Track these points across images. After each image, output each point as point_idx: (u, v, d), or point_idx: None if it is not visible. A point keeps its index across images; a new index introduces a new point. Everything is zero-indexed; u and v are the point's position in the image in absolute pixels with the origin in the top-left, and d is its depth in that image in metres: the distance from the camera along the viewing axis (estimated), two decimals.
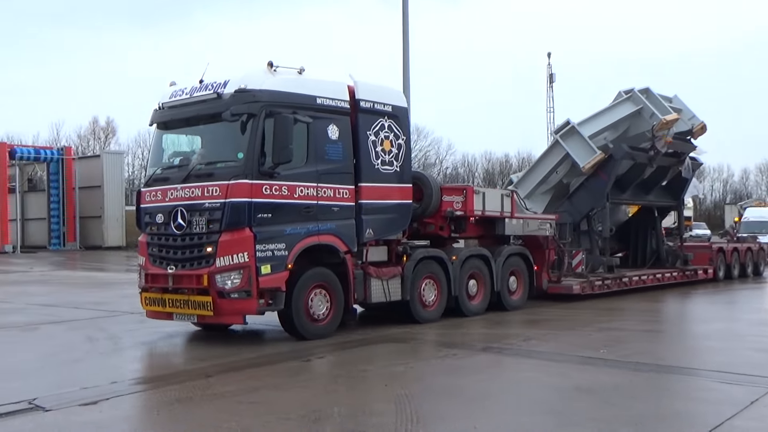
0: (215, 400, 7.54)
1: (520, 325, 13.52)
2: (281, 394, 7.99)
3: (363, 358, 10.21)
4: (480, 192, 14.31)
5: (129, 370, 9.48)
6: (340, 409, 7.23)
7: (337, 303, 11.41)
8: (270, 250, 10.51)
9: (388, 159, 12.30)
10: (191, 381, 8.53)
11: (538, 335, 12.04)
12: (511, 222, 15.03)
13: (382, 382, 8.64)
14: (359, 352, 10.59)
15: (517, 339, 11.72)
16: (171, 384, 8.44)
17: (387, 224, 12.32)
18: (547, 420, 6.81)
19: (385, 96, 12.45)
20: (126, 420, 7.05)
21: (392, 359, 10.04)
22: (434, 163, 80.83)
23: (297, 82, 11.15)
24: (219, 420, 6.76)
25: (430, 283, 13.11)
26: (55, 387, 8.17)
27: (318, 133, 11.23)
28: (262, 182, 10.50)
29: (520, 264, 15.16)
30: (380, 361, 10.07)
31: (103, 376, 8.72)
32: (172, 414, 7.19)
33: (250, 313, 10.58)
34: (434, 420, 6.85)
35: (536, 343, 11.28)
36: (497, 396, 7.96)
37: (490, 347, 10.93)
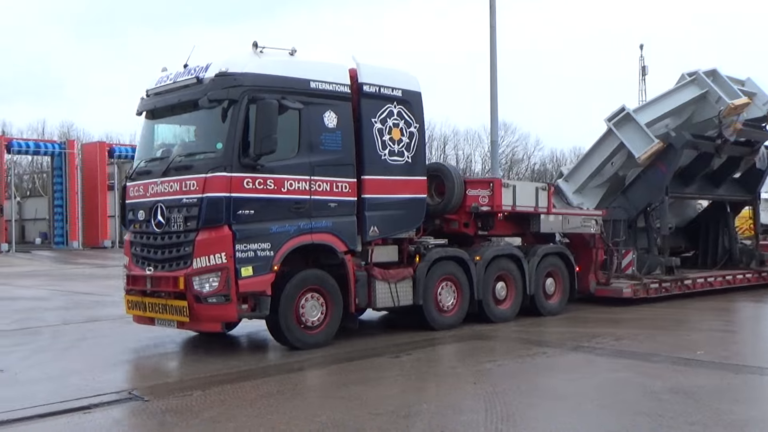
0: (306, 394, 7.93)
1: (561, 326, 12.19)
2: (370, 389, 8.05)
3: (451, 356, 10.31)
4: (510, 185, 12.95)
5: (222, 364, 9.33)
6: (429, 405, 7.23)
7: (333, 308, 10.33)
8: (252, 251, 9.52)
9: (397, 149, 11.12)
10: (282, 375, 8.77)
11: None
12: (547, 218, 13.61)
13: (470, 379, 8.49)
14: (446, 350, 10.61)
15: (609, 338, 11.19)
16: (264, 377, 8.67)
17: (396, 221, 11.15)
18: (642, 422, 6.55)
19: (394, 79, 11.26)
20: (222, 408, 7.20)
21: (480, 357, 9.97)
22: (522, 159, 78.98)
23: (287, 65, 10.11)
24: (310, 414, 6.92)
25: (449, 286, 11.88)
26: (151, 378, 8.66)
27: (312, 120, 10.16)
28: (243, 175, 9.50)
29: (558, 264, 13.73)
30: (468, 358, 9.94)
31: (196, 369, 9.04)
32: (266, 406, 7.32)
33: (230, 319, 9.61)
34: (525, 419, 6.73)
35: (629, 343, 10.83)
36: (590, 396, 7.69)
37: (581, 346, 10.52)
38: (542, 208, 13.48)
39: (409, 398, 7.53)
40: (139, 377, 9.12)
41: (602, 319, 13.37)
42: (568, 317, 13.31)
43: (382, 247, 11.19)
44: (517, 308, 12.98)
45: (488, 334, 11.55)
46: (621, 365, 9.18)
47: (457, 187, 12.45)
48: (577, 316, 13.49)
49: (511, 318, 12.77)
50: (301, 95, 10.06)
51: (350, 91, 10.64)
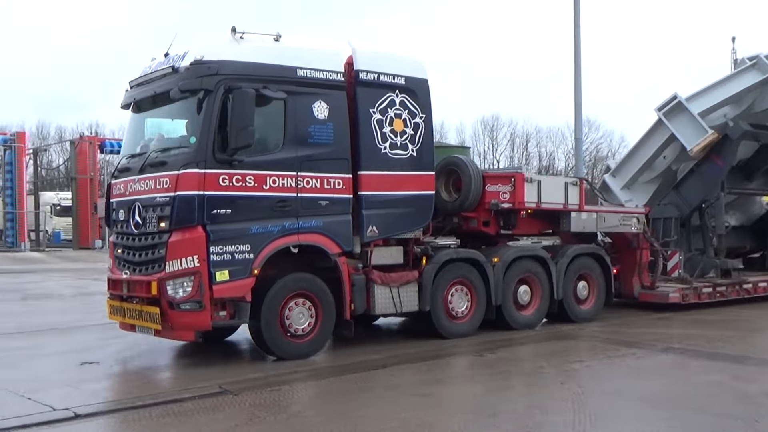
0: (389, 391, 7.93)
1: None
2: (454, 387, 8.20)
3: (536, 355, 10.09)
4: (534, 180, 11.83)
5: (302, 361, 9.26)
6: (515, 405, 7.25)
7: (324, 315, 9.50)
8: (229, 253, 8.78)
9: (399, 142, 10.21)
10: (363, 372, 8.82)
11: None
12: (579, 216, 12.44)
13: (558, 379, 8.38)
14: (530, 350, 10.47)
15: (700, 340, 10.91)
16: (345, 374, 8.77)
17: (398, 220, 10.25)
18: (737, 427, 6.38)
19: (396, 66, 10.34)
20: (308, 403, 7.64)
21: (567, 356, 9.81)
22: (606, 156, 76.63)
23: (270, 52, 9.33)
24: (393, 411, 6.97)
25: (461, 291, 10.90)
26: (238, 374, 8.69)
27: (299, 111, 9.35)
28: (219, 171, 8.77)
29: (591, 266, 12.56)
30: (554, 358, 9.69)
31: (278, 366, 9.07)
32: (350, 402, 7.51)
33: (203, 328, 8.86)
34: (615, 421, 6.64)
35: (721, 345, 10.50)
36: (683, 399, 7.45)
37: (672, 348, 10.30)
38: (573, 204, 12.31)
39: (493, 397, 7.61)
40: (227, 372, 8.79)
41: (686, 321, 12.82)
42: (656, 318, 12.72)
43: (384, 249, 10.30)
44: (543, 314, 11.89)
45: (573, 333, 11.44)
46: (714, 368, 8.89)
47: (474, 182, 11.44)
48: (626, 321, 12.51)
49: (535, 325, 11.69)
50: (287, 84, 9.27)
51: (344, 79, 9.79)
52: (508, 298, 11.40)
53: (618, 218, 13.16)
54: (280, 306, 9.17)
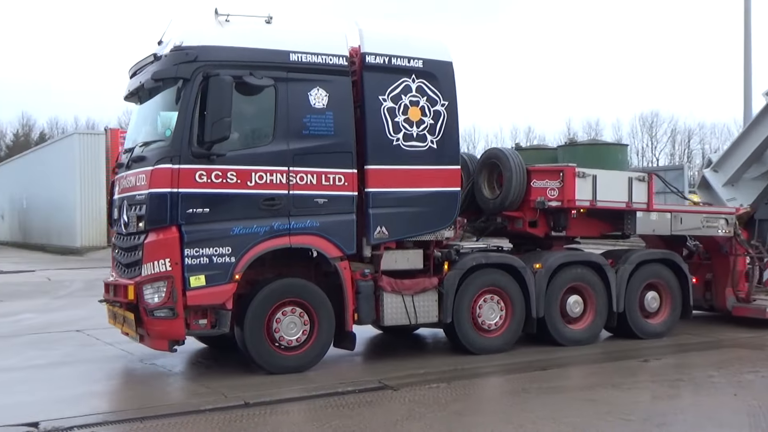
0: (553, 394, 7.79)
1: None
2: (619, 393, 7.85)
3: (707, 363, 9.45)
4: (587, 175, 10.31)
5: (461, 359, 9.32)
6: (685, 415, 6.96)
7: (320, 326, 8.58)
8: (206, 256, 8.02)
9: (416, 132, 9.11)
10: (526, 373, 8.68)
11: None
12: (647, 216, 10.78)
13: (730, 390, 7.98)
14: (701, 357, 9.96)
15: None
16: (508, 374, 8.77)
17: (413, 220, 9.14)
18: None
19: (412, 47, 9.21)
20: (468, 402, 7.64)
21: (741, 366, 9.17)
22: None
23: (259, 35, 8.48)
24: (557, 415, 6.84)
25: (493, 300, 9.64)
26: (397, 370, 8.74)
27: (293, 99, 8.46)
28: (195, 167, 8.02)
29: (663, 275, 10.88)
30: (727, 367, 9.10)
31: (436, 363, 9.18)
32: (512, 404, 7.55)
33: (177, 337, 8.14)
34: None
35: None
36: None
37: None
38: (638, 203, 10.67)
39: (661, 406, 7.33)
40: (386, 369, 8.86)
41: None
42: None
43: (399, 252, 9.21)
44: (598, 329, 10.39)
45: (755, 342, 10.64)
46: None
47: (516, 177, 10.10)
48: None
49: (586, 341, 10.22)
50: (278, 70, 8.41)
51: (347, 63, 8.80)
52: (554, 310, 9.99)
53: (699, 219, 11.35)
54: (266, 315, 8.33)
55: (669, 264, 10.97)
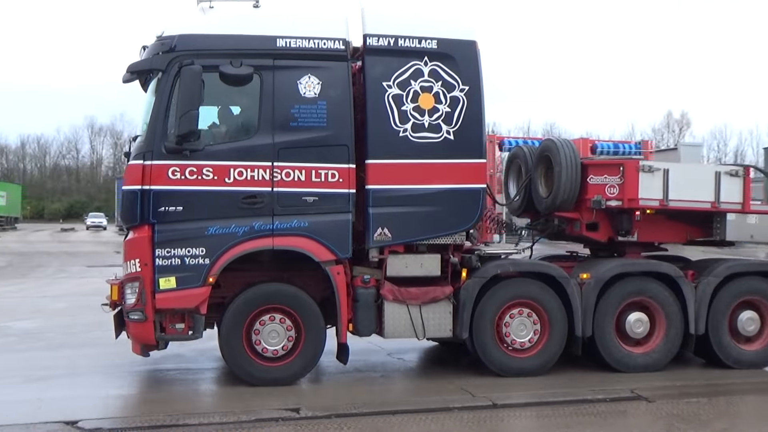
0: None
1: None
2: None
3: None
4: (656, 169, 8.59)
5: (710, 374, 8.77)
6: None
7: (308, 336, 7.83)
8: (178, 257, 7.57)
9: (428, 122, 8.05)
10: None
11: None
12: (742, 220, 8.83)
13: None
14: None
15: None
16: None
17: (423, 221, 8.09)
18: None
19: (425, 26, 8.14)
20: (734, 421, 7.15)
21: None
22: None
23: (243, 21, 7.87)
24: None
25: (523, 315, 8.32)
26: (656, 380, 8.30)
27: (279, 89, 7.77)
28: (168, 163, 7.58)
29: (765, 291, 8.87)
30: None
31: (710, 374, 8.72)
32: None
33: (147, 341, 7.71)
34: None
35: None
36: None
37: None
38: (730, 203, 8.76)
39: None
40: (637, 378, 8.36)
41: None
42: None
43: (410, 257, 8.18)
44: (670, 353, 8.67)
45: None
46: None
47: (567, 172, 8.65)
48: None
49: (654, 368, 8.54)
50: (264, 57, 7.76)
51: (344, 47, 7.94)
52: (608, 329, 8.45)
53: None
54: (245, 322, 7.73)
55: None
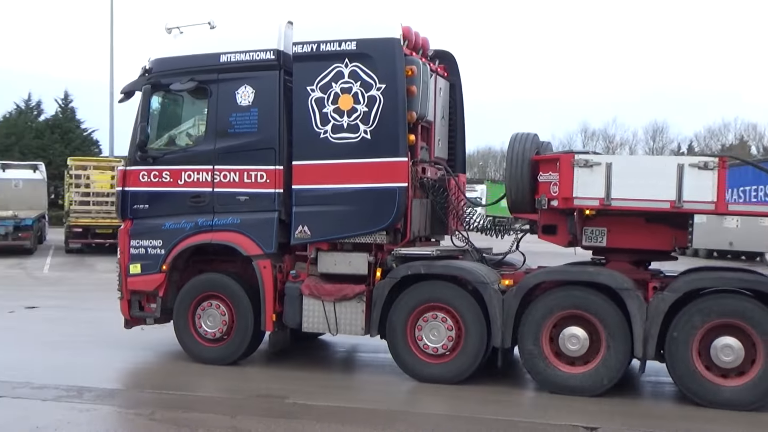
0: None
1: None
2: None
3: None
4: (595, 163, 7.34)
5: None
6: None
7: (238, 322, 8.62)
8: (143, 247, 9.01)
9: (347, 122, 8.23)
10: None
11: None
12: (717, 222, 7.09)
13: None
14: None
15: None
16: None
17: (340, 220, 8.26)
18: None
19: (346, 29, 8.26)
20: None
21: None
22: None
23: (198, 42, 8.99)
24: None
25: (437, 320, 7.93)
26: None
27: (221, 100, 8.72)
28: (139, 168, 9.06)
29: (747, 313, 7.01)
30: None
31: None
32: None
33: (126, 316, 9.22)
34: None
35: None
36: None
37: None
38: (697, 202, 7.10)
39: None
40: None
41: None
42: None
43: (338, 255, 8.38)
44: (608, 380, 7.39)
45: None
46: None
47: (511, 169, 7.94)
48: None
49: (585, 393, 7.41)
50: (211, 72, 8.77)
51: (275, 56, 8.52)
52: (531, 343, 7.57)
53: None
54: (190, 307, 8.83)
55: (760, 296, 7.00)
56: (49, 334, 10.73)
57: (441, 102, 9.39)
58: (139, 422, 6.81)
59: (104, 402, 7.38)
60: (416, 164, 8.62)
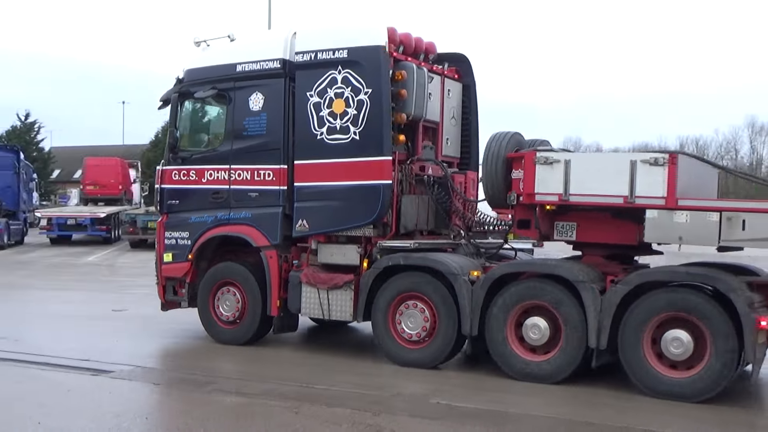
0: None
1: None
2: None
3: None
4: (554, 161, 7.62)
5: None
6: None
7: (249, 305, 9.51)
8: (174, 238, 10.08)
9: (339, 125, 8.93)
10: None
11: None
12: (668, 217, 7.22)
13: None
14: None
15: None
16: None
17: (333, 214, 8.98)
18: None
19: (340, 38, 8.94)
20: None
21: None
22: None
23: (219, 53, 9.92)
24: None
25: (415, 308, 8.46)
26: None
27: (238, 106, 9.65)
28: (172, 168, 10.15)
29: (698, 307, 7.12)
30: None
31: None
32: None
33: (162, 299, 10.31)
34: None
35: None
36: None
37: None
38: (649, 197, 7.26)
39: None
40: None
41: None
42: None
43: (334, 247, 9.07)
44: (569, 366, 7.68)
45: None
46: None
47: (486, 166, 8.37)
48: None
49: (553, 379, 7.72)
50: (230, 81, 9.69)
51: (281, 65, 9.33)
52: (497, 332, 7.96)
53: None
54: (210, 292, 9.80)
55: (715, 295, 7.08)
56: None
57: (451, 103, 9.91)
58: (286, 416, 6.70)
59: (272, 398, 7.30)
60: (413, 162, 9.22)
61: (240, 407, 6.95)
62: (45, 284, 17.15)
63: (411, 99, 8.94)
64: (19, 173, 28.19)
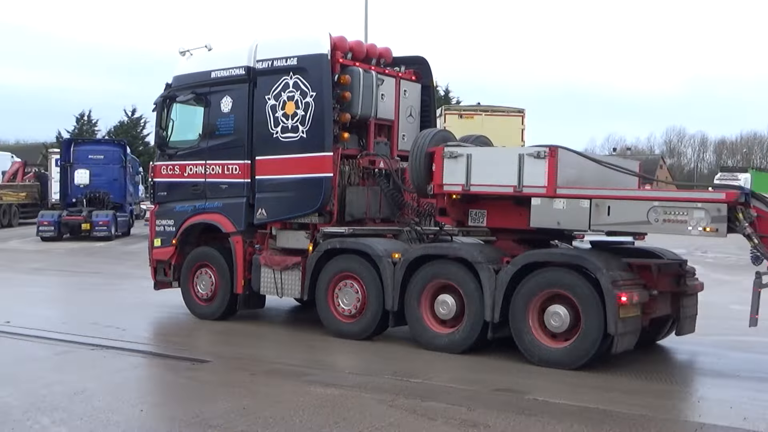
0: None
1: None
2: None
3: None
4: (459, 154, 8.54)
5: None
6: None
7: (220, 284, 10.76)
8: (162, 225, 11.44)
9: (290, 124, 10.09)
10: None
11: None
12: (548, 204, 8.07)
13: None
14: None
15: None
16: None
17: (285, 204, 10.14)
18: None
19: (289, 47, 10.10)
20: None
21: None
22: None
23: (198, 61, 11.19)
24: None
25: (349, 287, 9.54)
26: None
27: (212, 108, 10.92)
28: (161, 163, 11.54)
29: (571, 285, 7.95)
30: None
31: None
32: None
33: (154, 281, 11.69)
34: None
35: None
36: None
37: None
38: (534, 187, 8.12)
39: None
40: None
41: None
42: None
43: (289, 233, 10.25)
44: (469, 338, 8.60)
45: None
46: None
47: (411, 158, 9.31)
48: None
49: (452, 350, 8.68)
50: (205, 86, 10.98)
51: (245, 72, 10.55)
52: (413, 308, 8.95)
53: (646, 208, 7.49)
54: (190, 272, 11.12)
55: (581, 272, 7.89)
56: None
57: (408, 102, 10.94)
58: (381, 408, 6.68)
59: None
60: (362, 157, 10.30)
61: (335, 398, 6.97)
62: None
63: (357, 100, 10.01)
64: (126, 167, 28.73)
